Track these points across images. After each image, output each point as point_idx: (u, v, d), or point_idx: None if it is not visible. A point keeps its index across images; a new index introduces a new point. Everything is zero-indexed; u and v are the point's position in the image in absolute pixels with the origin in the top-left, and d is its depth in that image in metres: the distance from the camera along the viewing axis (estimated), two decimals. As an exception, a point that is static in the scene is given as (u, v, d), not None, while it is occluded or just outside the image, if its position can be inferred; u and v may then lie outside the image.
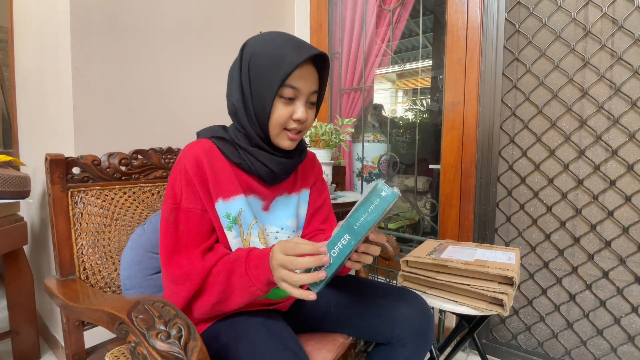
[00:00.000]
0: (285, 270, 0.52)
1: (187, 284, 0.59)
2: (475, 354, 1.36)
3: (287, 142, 0.67)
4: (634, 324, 1.14)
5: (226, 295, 0.59)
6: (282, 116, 0.64)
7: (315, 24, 1.79)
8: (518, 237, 1.31)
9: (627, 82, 1.10)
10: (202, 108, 1.37)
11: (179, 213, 0.63)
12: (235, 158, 0.67)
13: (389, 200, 0.50)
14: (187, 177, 0.63)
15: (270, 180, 0.70)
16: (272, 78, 0.61)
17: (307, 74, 0.64)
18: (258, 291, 0.57)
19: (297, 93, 0.64)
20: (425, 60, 1.96)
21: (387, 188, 0.50)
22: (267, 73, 0.62)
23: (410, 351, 0.71)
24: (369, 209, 0.51)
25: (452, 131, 1.37)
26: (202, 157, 0.65)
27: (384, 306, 0.72)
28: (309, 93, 0.65)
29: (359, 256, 0.58)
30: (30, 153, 1.42)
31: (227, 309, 0.61)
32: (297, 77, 0.62)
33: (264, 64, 0.62)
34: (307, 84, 0.64)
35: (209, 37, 1.38)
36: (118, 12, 1.10)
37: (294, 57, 0.60)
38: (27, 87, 1.41)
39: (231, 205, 0.66)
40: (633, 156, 1.11)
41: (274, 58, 0.61)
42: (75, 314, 0.68)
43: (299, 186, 0.78)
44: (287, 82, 0.62)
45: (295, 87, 0.63)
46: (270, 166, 0.67)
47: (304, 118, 0.65)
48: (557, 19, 1.19)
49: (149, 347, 0.41)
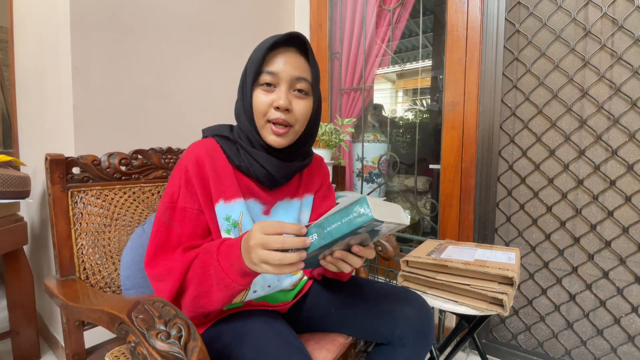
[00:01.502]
0: (267, 251, 0.47)
1: (169, 280, 0.57)
2: (475, 354, 1.36)
3: (271, 137, 0.64)
4: (634, 324, 1.14)
5: (204, 290, 0.56)
6: (262, 104, 0.63)
7: (315, 24, 1.79)
8: (518, 237, 1.31)
9: (627, 82, 1.10)
10: (202, 108, 1.37)
11: (174, 212, 0.62)
12: (237, 159, 0.66)
13: (363, 221, 0.46)
14: (187, 176, 0.63)
15: (270, 183, 0.68)
16: (251, 68, 0.63)
17: (288, 58, 0.63)
18: (233, 283, 0.52)
19: (277, 79, 0.62)
20: (425, 60, 1.96)
21: (365, 207, 0.46)
22: (249, 66, 0.64)
23: (410, 351, 0.71)
24: (344, 219, 0.47)
25: (452, 131, 1.37)
26: (204, 156, 0.64)
27: (384, 306, 0.72)
28: (290, 78, 0.63)
29: (335, 260, 0.55)
30: (30, 153, 1.42)
31: (210, 305, 0.56)
32: (274, 62, 0.62)
33: (250, 59, 0.65)
34: (286, 67, 0.62)
35: (209, 36, 1.38)
36: (118, 12, 1.10)
37: (267, 42, 0.62)
38: (27, 87, 1.41)
39: (232, 207, 0.64)
40: (633, 156, 1.11)
41: (255, 52, 0.64)
42: (75, 314, 0.68)
43: (302, 192, 0.76)
44: (263, 68, 0.62)
45: (272, 72, 0.62)
46: (269, 168, 0.65)
47: (285, 104, 0.62)
48: (557, 19, 1.20)
49: (149, 347, 0.41)
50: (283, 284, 0.73)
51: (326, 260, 0.56)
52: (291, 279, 0.75)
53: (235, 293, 0.54)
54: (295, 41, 0.64)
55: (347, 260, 0.55)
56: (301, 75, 0.64)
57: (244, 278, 0.53)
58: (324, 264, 0.57)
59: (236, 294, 0.55)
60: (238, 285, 0.53)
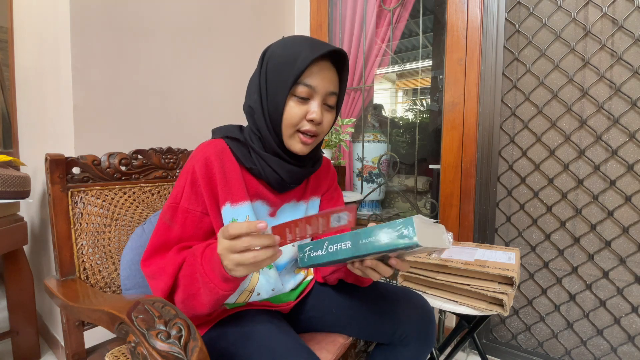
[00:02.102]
0: (237, 254, 0.46)
1: (162, 278, 0.57)
2: (475, 354, 1.36)
3: (299, 146, 0.63)
4: (634, 324, 1.14)
5: (193, 292, 0.54)
6: (295, 116, 0.61)
7: (315, 24, 1.79)
8: (518, 237, 1.31)
9: (627, 82, 1.10)
10: (202, 108, 1.37)
11: (176, 213, 0.61)
12: (247, 162, 0.65)
13: (405, 244, 0.44)
14: (194, 177, 0.62)
15: (279, 187, 0.67)
16: (286, 76, 0.59)
17: (324, 72, 0.61)
18: (217, 288, 0.50)
19: (312, 92, 0.61)
20: (425, 60, 1.96)
21: (411, 230, 0.44)
22: (281, 71, 0.60)
23: (412, 351, 0.71)
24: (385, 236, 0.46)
25: (452, 131, 1.37)
26: (213, 158, 0.63)
27: (386, 306, 0.72)
28: (325, 93, 0.62)
29: (364, 268, 0.56)
30: (30, 153, 1.42)
31: (199, 307, 0.55)
32: (312, 75, 0.60)
33: (280, 62, 0.60)
34: (323, 82, 0.61)
35: (209, 36, 1.38)
36: (118, 12, 1.10)
37: (309, 53, 0.58)
38: (27, 87, 1.41)
39: (239, 210, 0.63)
40: (633, 156, 1.11)
41: (290, 56, 0.60)
42: (75, 314, 0.68)
43: (309, 194, 0.76)
44: (301, 80, 0.59)
45: (310, 85, 0.60)
46: (281, 173, 0.64)
47: (319, 119, 0.62)
48: (557, 19, 1.19)
49: (149, 347, 0.41)
50: (287, 286, 0.73)
51: (354, 266, 0.57)
52: (294, 280, 0.75)
53: (220, 298, 0.52)
54: (332, 54, 0.62)
55: (377, 269, 0.55)
56: (334, 91, 0.64)
57: (227, 283, 0.51)
58: (351, 267, 0.57)
59: (222, 299, 0.53)
60: (222, 290, 0.51)
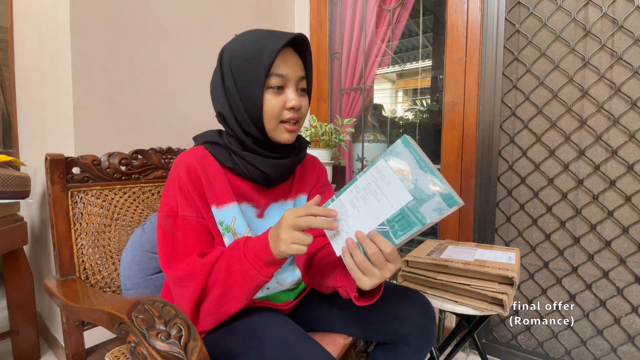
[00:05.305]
0: (298, 232, 0.52)
1: (193, 283, 0.57)
2: (475, 354, 1.36)
3: (286, 135, 0.65)
4: (634, 324, 1.14)
5: (228, 286, 0.57)
6: (275, 107, 0.62)
7: (315, 24, 1.79)
8: (518, 237, 1.31)
9: (627, 82, 1.10)
10: (202, 108, 1.37)
11: (176, 220, 0.62)
12: (228, 162, 0.65)
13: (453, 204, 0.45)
14: (181, 184, 0.62)
15: (267, 183, 0.68)
16: (256, 71, 0.60)
17: (290, 59, 0.63)
18: (258, 274, 0.55)
19: (285, 80, 0.63)
20: (425, 60, 1.96)
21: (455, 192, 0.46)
22: (250, 68, 0.61)
23: (413, 349, 0.71)
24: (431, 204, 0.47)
25: (452, 131, 1.37)
26: (194, 164, 0.63)
27: (387, 305, 0.72)
28: (296, 79, 0.64)
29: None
30: (30, 153, 1.42)
31: (232, 304, 0.57)
32: (281, 64, 0.61)
33: (245, 59, 0.61)
34: (292, 69, 0.63)
35: (209, 36, 1.38)
36: (118, 12, 1.10)
37: (273, 44, 0.60)
38: (27, 87, 1.41)
39: (224, 212, 0.64)
40: (633, 156, 1.11)
41: (254, 51, 0.61)
42: (75, 314, 0.68)
43: (295, 192, 0.76)
44: (273, 71, 0.61)
45: (282, 74, 0.62)
46: (264, 169, 0.65)
47: (298, 104, 0.64)
48: (557, 19, 1.19)
49: (149, 347, 0.41)
50: (284, 284, 0.73)
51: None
52: (292, 278, 0.75)
53: (259, 285, 0.57)
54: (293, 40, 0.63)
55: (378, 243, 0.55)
56: (303, 75, 0.65)
57: (269, 268, 0.56)
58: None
59: (259, 287, 0.57)
60: (263, 276, 0.55)
